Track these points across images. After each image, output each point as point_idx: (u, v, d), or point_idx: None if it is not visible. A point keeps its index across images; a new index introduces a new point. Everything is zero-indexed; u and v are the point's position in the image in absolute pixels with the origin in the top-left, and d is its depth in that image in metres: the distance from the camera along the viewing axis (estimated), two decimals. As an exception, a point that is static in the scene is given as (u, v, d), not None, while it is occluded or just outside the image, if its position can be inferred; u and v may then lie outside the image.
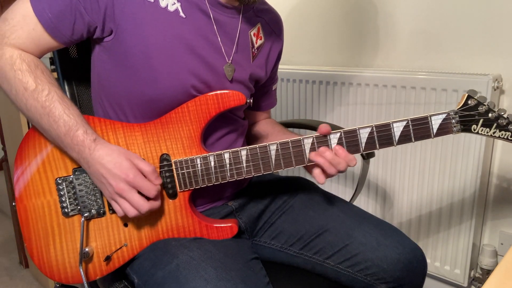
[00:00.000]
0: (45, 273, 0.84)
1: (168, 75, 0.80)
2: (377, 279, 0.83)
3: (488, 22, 1.29)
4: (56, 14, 0.75)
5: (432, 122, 0.81)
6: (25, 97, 0.76)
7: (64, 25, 0.77)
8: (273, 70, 1.00)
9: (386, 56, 1.53)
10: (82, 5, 0.76)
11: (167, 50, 0.78)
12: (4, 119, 1.84)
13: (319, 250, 0.88)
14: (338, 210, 0.91)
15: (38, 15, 0.75)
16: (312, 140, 0.81)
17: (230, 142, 0.90)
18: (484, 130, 0.83)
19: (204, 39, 0.81)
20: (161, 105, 0.82)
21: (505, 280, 0.55)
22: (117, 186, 0.74)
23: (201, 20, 0.81)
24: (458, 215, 1.40)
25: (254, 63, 0.91)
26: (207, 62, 0.82)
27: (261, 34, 0.91)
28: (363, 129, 0.81)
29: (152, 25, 0.77)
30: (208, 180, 0.82)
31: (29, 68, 0.76)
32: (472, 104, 0.82)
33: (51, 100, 0.75)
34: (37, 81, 0.76)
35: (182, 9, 0.79)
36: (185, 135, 0.82)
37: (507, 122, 0.83)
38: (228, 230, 0.84)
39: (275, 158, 0.81)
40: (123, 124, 0.83)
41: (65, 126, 0.75)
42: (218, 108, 0.82)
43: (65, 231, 0.83)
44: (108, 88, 0.84)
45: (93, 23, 0.77)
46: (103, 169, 0.74)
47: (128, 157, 0.76)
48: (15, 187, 0.84)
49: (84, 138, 0.75)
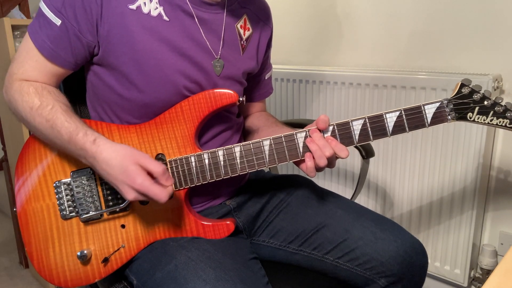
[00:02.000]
0: (45, 277, 0.85)
1: (159, 79, 0.81)
2: (376, 273, 0.82)
3: (488, 22, 1.29)
4: (55, 42, 0.78)
5: (426, 111, 0.81)
6: (32, 116, 0.78)
7: (63, 50, 0.79)
8: (264, 58, 1.00)
9: (386, 56, 1.53)
10: (77, 29, 0.78)
11: (155, 54, 0.80)
12: (4, 120, 1.86)
13: (318, 245, 0.87)
14: (335, 206, 0.90)
15: (38, 47, 0.79)
16: (305, 134, 0.81)
17: (225, 139, 0.90)
18: (480, 118, 0.82)
19: (190, 39, 0.82)
20: (155, 108, 0.83)
21: (505, 280, 0.54)
22: (127, 193, 0.71)
23: (185, 21, 0.82)
24: (458, 215, 1.38)
25: (245, 55, 0.91)
26: (195, 61, 0.83)
27: (248, 25, 0.92)
28: (356, 121, 0.81)
29: (137, 31, 0.79)
30: (203, 178, 0.82)
31: (36, 90, 0.79)
32: (466, 92, 0.81)
33: (54, 113, 0.77)
34: (42, 99, 0.78)
35: (165, 12, 0.80)
36: (179, 135, 0.83)
37: (504, 109, 0.81)
38: (224, 228, 0.84)
39: (269, 154, 0.81)
40: (119, 126, 0.84)
41: (66, 134, 0.76)
42: (210, 107, 0.83)
43: (64, 234, 0.84)
44: (102, 96, 0.86)
45: (92, 43, 0.80)
46: (110, 177, 0.73)
47: (135, 160, 0.71)
48: (16, 195, 0.85)
49: (84, 141, 0.74)
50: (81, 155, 0.76)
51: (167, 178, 0.72)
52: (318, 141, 0.78)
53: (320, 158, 0.77)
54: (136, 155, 0.72)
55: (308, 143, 0.79)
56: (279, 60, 1.80)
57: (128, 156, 0.71)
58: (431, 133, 1.38)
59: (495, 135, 1.34)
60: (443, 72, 1.35)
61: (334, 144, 0.78)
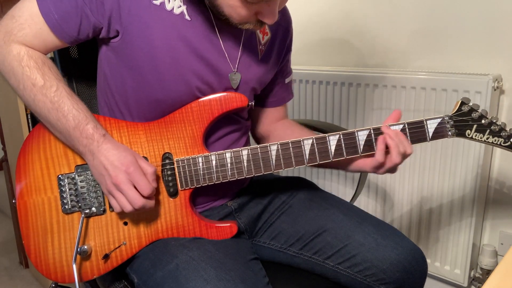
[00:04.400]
0: (42, 272, 0.83)
1: (173, 77, 0.82)
2: (376, 280, 0.83)
3: (488, 22, 1.29)
4: (62, 15, 0.78)
5: (428, 126, 0.84)
6: (33, 93, 0.78)
7: (69, 26, 0.79)
8: (283, 63, 0.99)
9: (386, 56, 1.53)
10: (87, 7, 0.78)
11: (172, 52, 0.81)
12: (4, 120, 1.84)
13: (319, 250, 0.88)
14: (337, 210, 0.91)
15: (44, 16, 0.78)
16: (312, 141, 0.83)
17: (231, 141, 0.91)
18: (478, 135, 0.86)
19: (208, 42, 0.83)
20: (166, 106, 0.84)
21: (505, 280, 0.55)
22: (116, 177, 0.74)
23: (206, 23, 0.83)
24: (458, 215, 1.39)
25: (262, 60, 0.91)
26: (211, 64, 0.84)
27: (267, 30, 0.92)
28: (361, 132, 0.83)
29: (157, 27, 0.80)
30: (209, 179, 0.83)
31: (37, 65, 0.78)
32: (466, 110, 0.86)
33: (60, 96, 0.77)
34: (45, 78, 0.78)
35: (188, 12, 0.82)
36: (188, 135, 0.84)
37: (499, 129, 0.86)
38: (227, 230, 0.85)
39: (276, 158, 0.83)
40: (127, 123, 0.84)
41: (74, 120, 0.77)
42: (221, 109, 0.84)
43: (64, 229, 0.83)
44: (114, 87, 0.86)
45: (99, 24, 0.80)
46: (106, 161, 0.76)
47: (133, 154, 0.78)
48: (16, 184, 0.84)
49: (94, 132, 0.77)
50: (82, 143, 0.78)
51: (154, 180, 0.78)
52: (396, 137, 0.82)
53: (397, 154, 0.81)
54: (135, 153, 0.79)
55: (387, 138, 0.82)
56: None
57: (128, 150, 0.78)
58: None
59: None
60: (443, 72, 1.35)
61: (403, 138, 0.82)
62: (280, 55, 0.96)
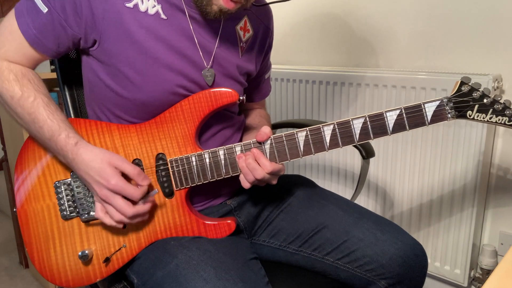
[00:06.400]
0: (46, 277, 0.85)
1: (155, 78, 0.80)
2: (376, 275, 0.82)
3: (488, 22, 1.29)
4: (40, 30, 0.78)
5: (426, 109, 0.81)
6: (13, 106, 0.78)
7: (48, 39, 0.79)
8: (264, 61, 1.00)
9: (386, 56, 1.53)
10: (63, 19, 0.77)
11: (152, 53, 0.79)
12: (4, 120, 1.87)
13: (318, 246, 0.87)
14: (336, 206, 0.90)
15: (23, 32, 0.78)
16: (306, 133, 0.81)
17: (225, 138, 0.90)
18: (480, 116, 0.82)
19: (187, 39, 0.82)
20: (154, 107, 0.83)
21: (505, 280, 0.55)
22: (101, 193, 0.75)
23: (182, 20, 0.81)
24: (458, 215, 1.38)
25: (243, 57, 0.91)
26: (193, 61, 0.82)
27: (248, 27, 0.91)
28: (356, 120, 0.81)
29: (133, 30, 0.78)
30: (203, 178, 0.82)
31: (16, 78, 0.79)
32: (466, 90, 0.82)
33: (36, 107, 0.78)
34: (23, 89, 0.78)
35: (163, 10, 0.80)
36: (180, 134, 0.83)
37: (503, 107, 0.82)
38: (226, 227, 0.84)
39: (270, 152, 0.82)
40: (119, 125, 0.84)
41: (48, 132, 0.77)
42: (211, 106, 0.83)
43: (64, 234, 0.83)
44: (98, 93, 0.85)
45: (77, 35, 0.79)
46: (87, 175, 0.76)
47: (111, 162, 0.76)
48: (16, 195, 0.85)
49: (66, 142, 0.77)
50: (60, 154, 0.78)
51: (143, 179, 0.77)
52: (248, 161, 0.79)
53: (247, 174, 0.79)
54: (113, 158, 0.77)
55: (238, 158, 0.81)
56: (279, 60, 1.80)
57: (106, 159, 0.76)
58: (431, 132, 1.38)
59: (495, 133, 1.35)
60: (443, 72, 1.35)
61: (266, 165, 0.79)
62: (261, 52, 0.96)
